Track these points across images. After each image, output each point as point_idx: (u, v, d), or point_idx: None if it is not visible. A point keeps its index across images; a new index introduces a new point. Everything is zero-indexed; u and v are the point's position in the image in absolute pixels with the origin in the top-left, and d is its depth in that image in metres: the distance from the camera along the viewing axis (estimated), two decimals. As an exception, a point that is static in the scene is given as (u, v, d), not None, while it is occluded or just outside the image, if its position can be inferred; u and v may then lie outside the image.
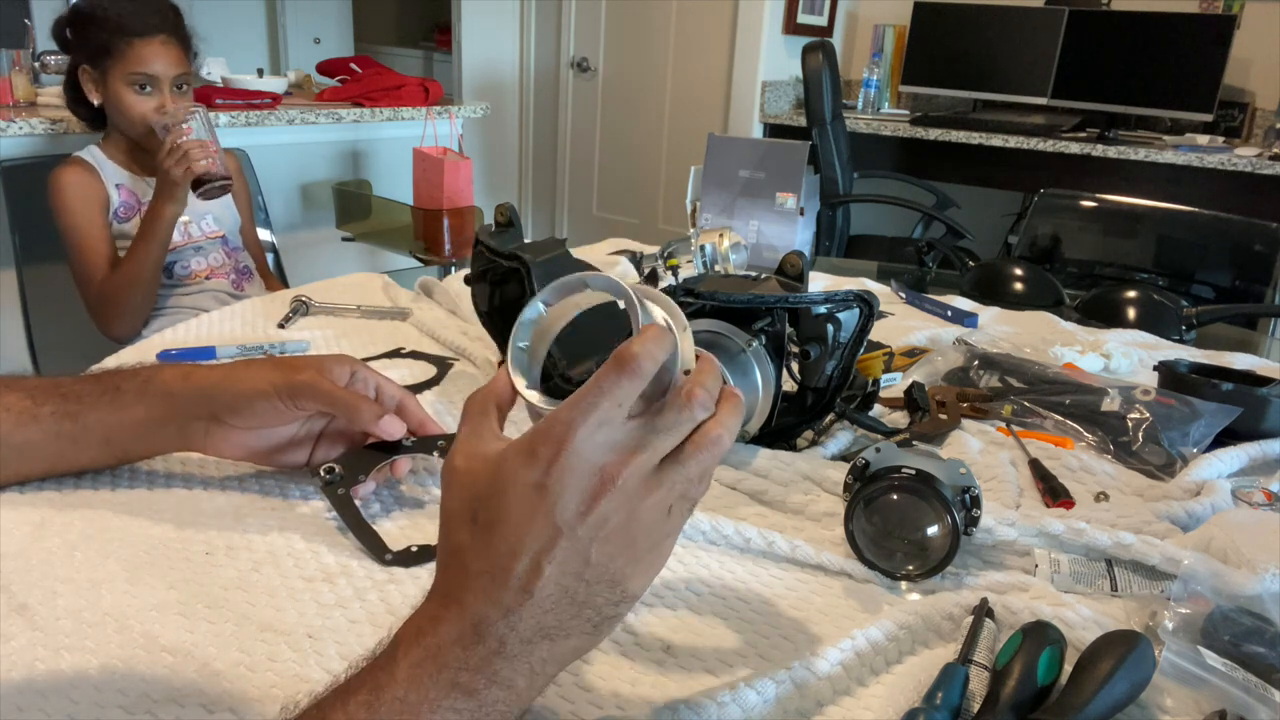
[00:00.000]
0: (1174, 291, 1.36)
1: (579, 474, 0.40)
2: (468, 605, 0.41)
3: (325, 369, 0.67)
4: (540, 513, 0.40)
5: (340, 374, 0.68)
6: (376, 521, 0.65)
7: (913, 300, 1.32)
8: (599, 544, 0.41)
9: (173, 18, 1.66)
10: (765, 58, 3.70)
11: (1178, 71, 3.10)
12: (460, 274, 1.09)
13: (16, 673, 0.49)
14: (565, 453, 0.40)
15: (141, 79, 1.61)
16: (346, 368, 0.69)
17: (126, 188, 1.70)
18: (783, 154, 1.46)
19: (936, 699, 0.48)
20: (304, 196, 2.76)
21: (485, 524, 0.41)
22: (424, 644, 0.40)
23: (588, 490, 0.41)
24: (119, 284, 1.62)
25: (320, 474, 0.66)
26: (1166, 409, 0.85)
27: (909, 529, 0.61)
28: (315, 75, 3.15)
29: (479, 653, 0.40)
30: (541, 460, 0.41)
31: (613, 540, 0.41)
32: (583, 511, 0.40)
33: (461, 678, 0.40)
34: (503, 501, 0.41)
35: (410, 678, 0.39)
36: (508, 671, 0.40)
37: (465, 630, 0.40)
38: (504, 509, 0.41)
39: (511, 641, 0.40)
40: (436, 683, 0.39)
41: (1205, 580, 0.56)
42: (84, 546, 0.60)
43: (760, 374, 0.74)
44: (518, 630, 0.40)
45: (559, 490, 0.40)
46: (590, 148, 4.39)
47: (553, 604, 0.41)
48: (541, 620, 0.41)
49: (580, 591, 0.41)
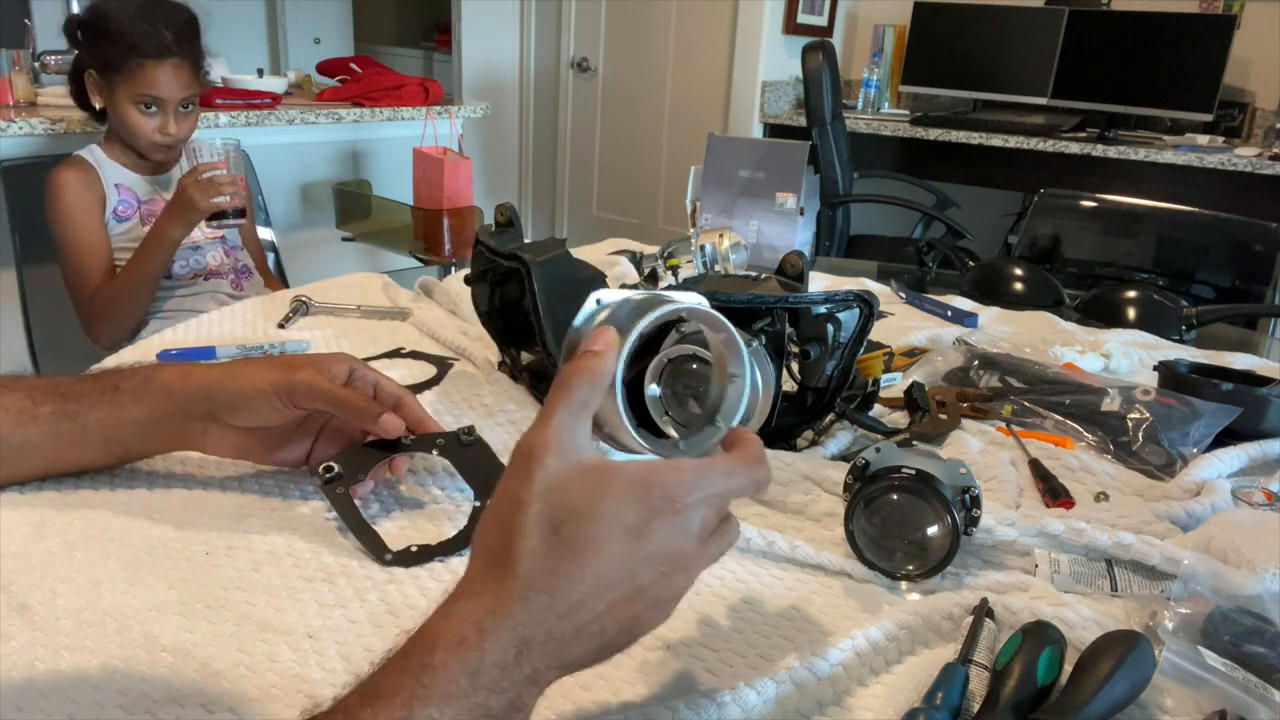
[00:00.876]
0: (1174, 291, 1.36)
1: (672, 544, 0.41)
2: (519, 623, 0.39)
3: (324, 367, 0.67)
4: (628, 562, 0.40)
5: (339, 372, 0.68)
6: (376, 521, 0.65)
7: (913, 300, 1.32)
8: (653, 604, 0.42)
9: (188, 37, 1.63)
10: (765, 58, 3.70)
11: (1178, 71, 3.10)
12: (460, 274, 1.09)
13: (16, 673, 0.49)
14: (679, 515, 0.41)
15: (148, 99, 1.61)
16: (345, 365, 0.68)
17: (126, 186, 1.70)
18: (783, 154, 1.46)
19: (936, 699, 0.48)
20: (304, 196, 2.76)
21: (567, 543, 0.40)
22: (466, 659, 0.38)
23: (670, 564, 0.41)
24: (113, 294, 1.62)
25: (319, 472, 0.66)
26: (1166, 409, 0.85)
27: (909, 529, 0.61)
28: (315, 75, 3.15)
29: (513, 677, 0.39)
30: (653, 508, 0.40)
31: (664, 604, 0.42)
32: (659, 578, 0.41)
33: (493, 701, 0.38)
34: (596, 531, 0.40)
35: (444, 697, 0.37)
36: (528, 696, 0.40)
37: (509, 653, 0.39)
38: (595, 540, 0.40)
39: (543, 669, 0.40)
40: (466, 704, 0.38)
41: (1205, 580, 0.56)
42: (84, 546, 0.60)
43: (760, 374, 0.74)
44: (551, 659, 0.40)
45: (652, 550, 0.40)
46: (590, 148, 4.39)
47: (590, 640, 0.40)
48: (572, 653, 0.40)
49: (614, 636, 0.41)
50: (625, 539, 0.40)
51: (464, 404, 0.87)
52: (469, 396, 0.89)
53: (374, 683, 0.38)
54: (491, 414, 0.85)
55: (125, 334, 1.66)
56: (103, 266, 1.65)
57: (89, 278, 1.63)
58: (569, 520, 0.39)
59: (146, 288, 1.63)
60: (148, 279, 1.62)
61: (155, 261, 1.61)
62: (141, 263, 1.60)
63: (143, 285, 1.62)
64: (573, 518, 0.39)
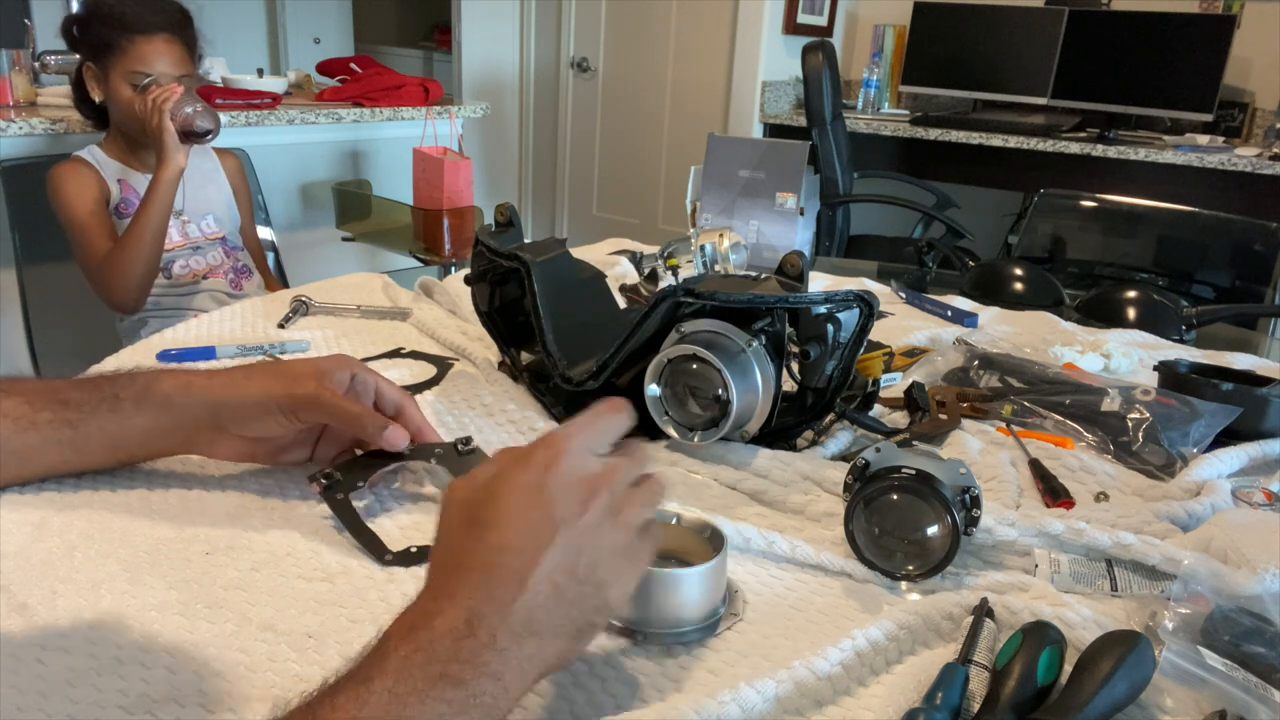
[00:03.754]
0: (1174, 291, 1.36)
1: (573, 479, 0.45)
2: (461, 599, 0.42)
3: (326, 376, 0.66)
4: (538, 509, 0.44)
5: (341, 379, 0.67)
6: (376, 521, 0.65)
7: (913, 300, 1.32)
8: (589, 545, 0.45)
9: (178, 18, 1.66)
10: (765, 58, 3.70)
11: (1178, 71, 3.10)
12: (460, 274, 1.09)
13: (16, 673, 0.49)
14: (563, 457, 0.45)
15: (141, 76, 1.61)
16: (347, 371, 0.68)
17: (128, 184, 1.70)
18: (783, 154, 1.46)
19: (936, 699, 0.48)
20: (304, 196, 2.75)
21: (482, 524, 0.44)
22: (415, 638, 0.41)
23: (580, 494, 0.45)
24: (122, 250, 1.62)
25: (320, 480, 0.65)
26: (1166, 409, 0.85)
27: (909, 529, 0.61)
28: (315, 75, 3.15)
29: (470, 645, 0.41)
30: (539, 464, 0.45)
31: (600, 544, 0.45)
32: (578, 512, 0.44)
33: (451, 669, 0.40)
34: (500, 503, 0.44)
35: (400, 669, 0.40)
36: (497, 664, 0.41)
37: (458, 623, 0.41)
38: (502, 509, 0.44)
39: (502, 635, 0.42)
40: (426, 674, 0.40)
41: (1205, 580, 0.56)
42: (84, 547, 0.60)
43: (760, 374, 0.74)
44: (509, 624, 0.42)
45: (556, 491, 0.45)
46: (590, 148, 4.39)
47: (544, 599, 0.43)
48: (532, 616, 0.43)
49: (570, 590, 0.44)
50: (529, 497, 0.44)
51: (464, 404, 0.87)
52: (469, 397, 0.89)
53: (335, 681, 0.41)
54: (491, 414, 0.85)
55: (138, 294, 1.66)
56: (107, 235, 1.65)
57: (95, 246, 1.64)
58: (476, 509, 0.45)
59: (154, 238, 1.63)
60: (153, 227, 1.62)
61: (155, 207, 1.61)
62: (144, 213, 1.61)
63: (150, 235, 1.62)
64: (479, 506, 0.45)
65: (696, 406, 0.76)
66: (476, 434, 0.81)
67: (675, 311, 0.76)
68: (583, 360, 0.82)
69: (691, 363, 0.74)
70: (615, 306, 1.00)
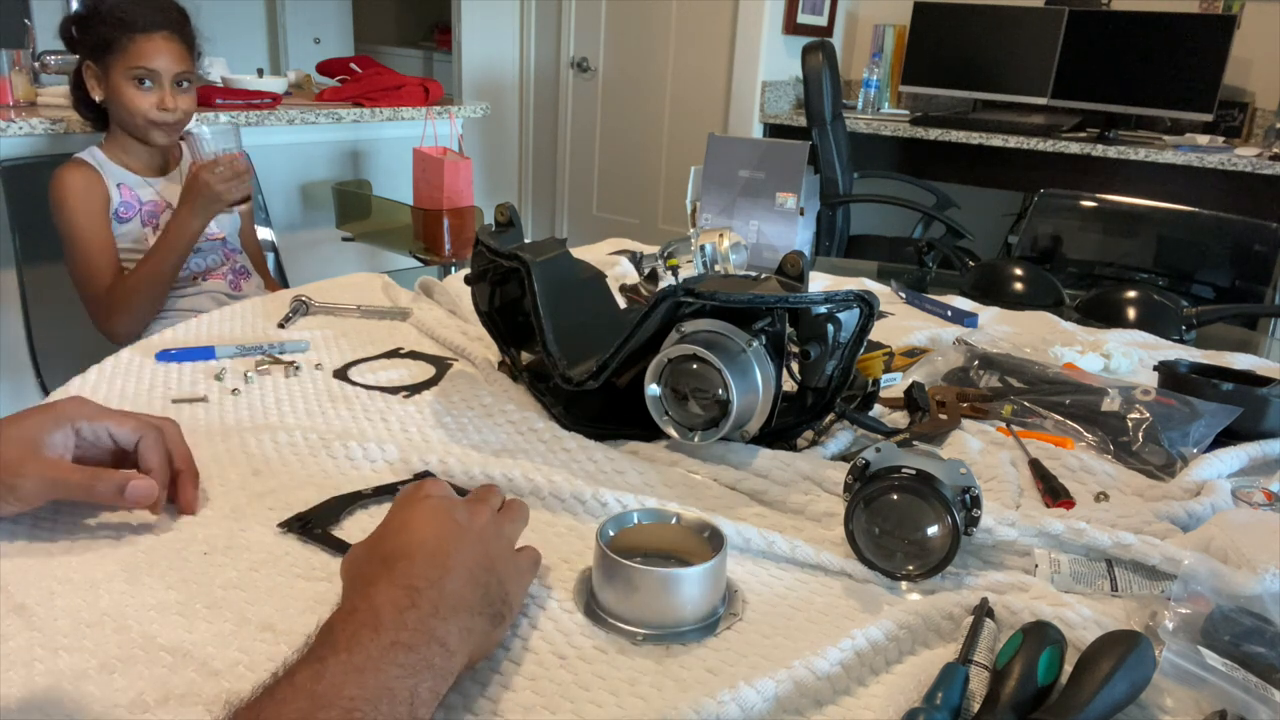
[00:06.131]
0: (1174, 291, 1.36)
1: (458, 499, 0.55)
2: (397, 578, 0.47)
3: (40, 447, 0.59)
4: (439, 516, 0.52)
5: (58, 441, 0.60)
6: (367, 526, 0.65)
7: (913, 300, 1.32)
8: (489, 544, 0.53)
9: (176, 16, 1.67)
10: (765, 58, 3.70)
11: (1178, 71, 3.10)
12: (460, 274, 1.09)
13: (15, 673, 0.48)
14: (440, 492, 0.55)
15: (142, 74, 1.62)
16: (67, 426, 0.61)
17: (128, 187, 1.70)
18: (783, 154, 1.46)
19: (936, 699, 0.48)
20: (304, 196, 2.75)
21: (390, 540, 0.51)
22: (357, 617, 0.44)
23: (468, 508, 0.54)
24: (133, 287, 1.63)
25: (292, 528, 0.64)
26: (1166, 409, 0.85)
27: (909, 529, 0.61)
28: (315, 75, 3.15)
29: (414, 615, 0.45)
30: (424, 496, 0.54)
31: (496, 546, 0.53)
32: (470, 519, 0.53)
33: (402, 636, 0.44)
34: (404, 526, 0.52)
35: (350, 644, 0.42)
36: (442, 631, 0.45)
37: (398, 597, 0.45)
38: (407, 525, 0.52)
39: (443, 606, 0.46)
40: (377, 643, 0.43)
41: (1205, 580, 0.56)
42: (82, 547, 0.60)
43: (760, 374, 0.74)
44: (445, 596, 0.47)
45: (448, 506, 0.53)
46: (590, 148, 4.38)
47: (465, 581, 0.49)
48: (459, 592, 0.48)
49: (481, 576, 0.50)
50: (429, 513, 0.53)
51: (463, 404, 0.87)
52: (468, 397, 0.88)
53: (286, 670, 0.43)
54: (491, 414, 0.85)
55: (142, 327, 1.66)
56: (111, 262, 1.66)
57: (99, 274, 1.64)
58: (380, 540, 0.52)
59: (166, 280, 1.65)
60: (168, 271, 1.64)
61: (176, 254, 1.63)
62: (161, 256, 1.62)
63: (163, 278, 1.64)
64: (382, 539, 0.52)
65: (696, 406, 0.76)
66: (476, 434, 0.81)
67: (675, 311, 0.76)
68: (583, 360, 0.82)
69: (692, 363, 0.74)
70: (615, 306, 1.00)
